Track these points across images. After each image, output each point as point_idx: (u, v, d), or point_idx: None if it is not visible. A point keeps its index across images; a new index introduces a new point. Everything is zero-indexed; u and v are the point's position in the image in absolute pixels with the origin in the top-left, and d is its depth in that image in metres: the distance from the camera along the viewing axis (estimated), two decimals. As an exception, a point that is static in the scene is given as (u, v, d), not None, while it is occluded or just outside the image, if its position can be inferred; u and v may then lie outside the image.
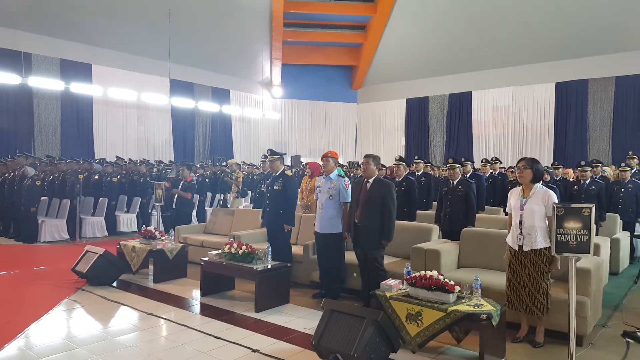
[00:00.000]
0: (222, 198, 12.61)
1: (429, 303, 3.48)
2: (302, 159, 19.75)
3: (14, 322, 4.30)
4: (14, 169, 9.29)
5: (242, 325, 4.30)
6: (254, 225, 7.09)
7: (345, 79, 23.07)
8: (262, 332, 4.11)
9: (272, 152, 5.91)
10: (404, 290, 3.73)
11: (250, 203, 12.63)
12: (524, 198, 3.85)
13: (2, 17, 14.36)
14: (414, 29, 18.33)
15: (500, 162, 10.23)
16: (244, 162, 17.40)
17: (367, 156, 4.77)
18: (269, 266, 4.89)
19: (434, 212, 6.22)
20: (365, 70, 21.73)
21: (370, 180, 4.73)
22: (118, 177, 10.17)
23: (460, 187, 5.78)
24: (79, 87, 16.02)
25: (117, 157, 12.96)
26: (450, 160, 6.04)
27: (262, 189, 7.83)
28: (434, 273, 3.61)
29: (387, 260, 4.96)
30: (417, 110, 20.64)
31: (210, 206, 11.81)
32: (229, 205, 10.16)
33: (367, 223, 4.63)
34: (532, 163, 3.88)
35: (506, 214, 4.39)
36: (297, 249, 5.81)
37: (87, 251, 5.87)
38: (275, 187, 5.72)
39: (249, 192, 11.68)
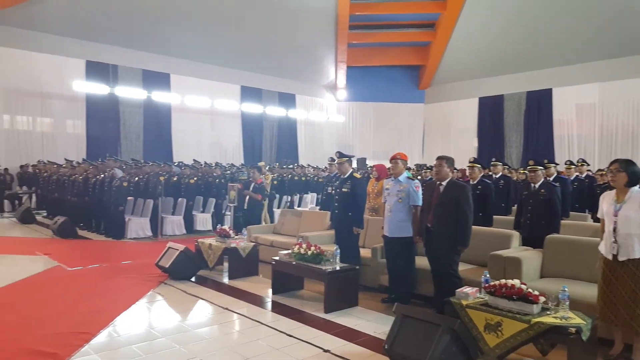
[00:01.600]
0: (289, 200, 12.89)
1: (510, 313, 3.29)
2: (367, 162, 19.65)
3: (106, 311, 4.65)
4: (103, 171, 10.08)
5: (312, 325, 4.34)
6: (321, 227, 7.14)
7: (412, 79, 22.63)
8: (332, 333, 4.12)
9: (341, 155, 5.92)
10: (481, 299, 3.57)
11: (316, 205, 12.79)
12: (618, 203, 3.53)
13: (93, 33, 15.70)
14: (486, 24, 17.55)
15: (587, 164, 9.48)
16: (309, 164, 17.65)
17: (440, 158, 4.62)
18: (338, 268, 4.90)
19: (513, 217, 5.90)
20: (433, 69, 21.18)
21: (444, 183, 4.57)
22: (195, 179, 10.72)
23: (542, 190, 5.43)
24: (159, 96, 17.15)
25: (193, 160, 13.67)
26: (531, 162, 5.69)
27: (329, 191, 7.87)
28: (516, 282, 3.42)
29: (462, 267, 4.77)
30: (490, 110, 19.72)
31: (278, 207, 12.08)
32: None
33: (440, 227, 4.48)
34: (626, 165, 3.55)
35: (595, 220, 4.08)
36: (364, 252, 5.77)
37: (169, 248, 6.24)
38: (343, 190, 5.72)
39: (277, 195, 11.78)
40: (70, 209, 10.72)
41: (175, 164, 13.47)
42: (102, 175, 9.87)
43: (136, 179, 10.15)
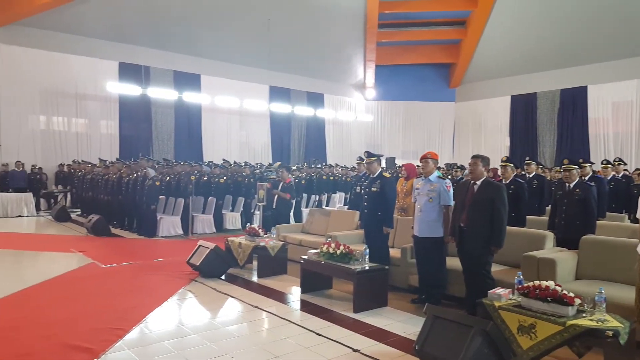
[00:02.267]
0: (317, 199, 12.91)
1: (544, 315, 3.21)
2: (396, 161, 19.48)
3: (139, 308, 4.77)
4: (136, 171, 10.34)
5: (342, 324, 4.33)
6: (349, 226, 7.13)
7: (442, 78, 22.31)
8: (362, 333, 4.11)
9: (370, 154, 5.89)
10: (514, 301, 3.49)
11: (344, 205, 12.77)
12: (659, 204, 3.39)
13: (125, 35, 16.14)
14: (519, 20, 17.15)
15: (625, 164, 9.13)
16: (337, 164, 17.65)
17: (475, 157, 4.53)
18: (367, 267, 4.88)
19: (547, 218, 5.74)
20: (464, 67, 20.84)
21: (478, 182, 4.47)
22: (224, 178, 10.87)
23: (577, 190, 5.26)
24: (189, 96, 17.48)
25: (223, 159, 13.87)
26: (565, 161, 5.52)
27: (357, 191, 7.84)
28: (551, 283, 3.32)
29: (494, 268, 4.67)
30: (523, 108, 19.25)
31: (306, 207, 12.12)
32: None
33: (474, 227, 4.39)
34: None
35: (633, 220, 3.92)
36: (394, 252, 5.73)
37: (199, 246, 6.35)
38: (372, 189, 5.69)
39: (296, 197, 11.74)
40: (104, 207, 11.06)
41: (206, 163, 13.70)
42: (135, 175, 10.13)
43: (168, 178, 10.38)
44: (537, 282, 3.39)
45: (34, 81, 14.99)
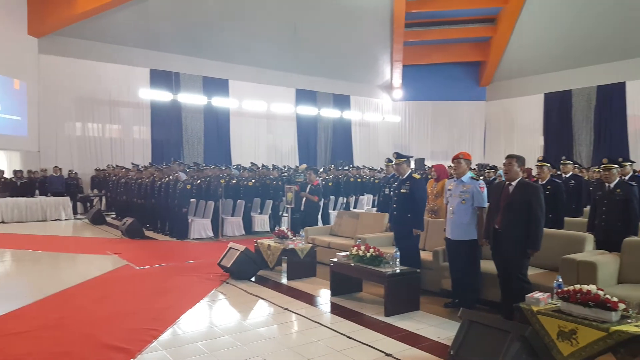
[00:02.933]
0: (345, 201, 12.86)
1: (585, 321, 3.08)
2: (425, 162, 19.25)
3: (173, 309, 4.85)
4: (168, 175, 10.55)
5: (373, 328, 4.28)
6: (378, 229, 7.06)
7: (472, 76, 21.91)
8: (394, 337, 4.05)
9: (399, 155, 5.81)
10: (553, 305, 3.36)
11: (373, 207, 12.68)
12: None
13: (157, 43, 16.55)
14: (551, 16, 16.68)
15: (668, 161, 8.75)
16: (364, 165, 17.57)
17: (509, 156, 4.40)
18: (398, 270, 4.81)
19: (586, 219, 5.53)
20: (495, 65, 20.41)
21: (513, 183, 4.34)
22: (253, 181, 10.97)
23: (618, 190, 5.05)
24: (218, 101, 17.77)
25: (251, 162, 14.00)
26: (604, 161, 5.31)
27: (386, 192, 7.76)
28: (592, 288, 3.19)
29: (530, 272, 4.53)
30: (557, 106, 18.70)
31: (334, 209, 12.10)
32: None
33: (509, 229, 4.26)
34: None
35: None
36: (425, 255, 5.63)
37: (230, 248, 6.42)
38: (402, 191, 5.61)
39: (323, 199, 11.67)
40: (137, 210, 11.31)
41: (234, 166, 13.86)
42: (167, 179, 10.33)
43: (198, 181, 10.55)
44: (577, 286, 3.26)
45: (70, 89, 15.54)
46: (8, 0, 14.09)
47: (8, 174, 14.04)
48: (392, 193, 6.04)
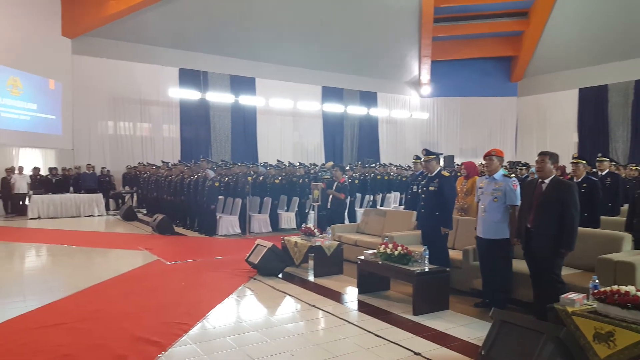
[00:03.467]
0: (371, 199, 12.79)
1: (623, 323, 2.96)
2: (455, 159, 18.93)
3: (202, 303, 4.92)
4: (197, 172, 10.73)
5: (401, 327, 4.24)
6: (405, 227, 6.98)
7: (503, 71, 21.41)
8: (423, 336, 4.00)
9: (428, 152, 5.73)
10: (589, 306, 3.25)
11: (400, 205, 12.56)
12: None
13: (185, 42, 16.83)
14: (586, 8, 16.12)
15: None
16: (390, 163, 17.44)
17: (542, 153, 4.27)
18: (427, 269, 4.75)
19: (623, 218, 5.32)
20: (527, 60, 19.89)
21: (547, 181, 4.21)
22: (279, 178, 11.03)
23: (658, 188, 4.85)
24: (245, 99, 17.94)
25: (277, 160, 14.09)
26: (644, 157, 5.10)
27: (414, 190, 7.67)
28: (631, 289, 3.06)
29: (564, 272, 4.39)
30: (593, 102, 18.07)
31: (360, 207, 12.05)
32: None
33: (542, 229, 4.14)
34: None
35: None
36: (454, 254, 5.54)
37: (257, 244, 6.47)
38: (430, 188, 5.53)
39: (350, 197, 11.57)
40: (167, 207, 11.56)
41: (261, 164, 13.96)
42: (196, 176, 10.50)
43: (226, 179, 10.68)
44: (615, 287, 3.15)
45: (102, 89, 15.98)
46: (43, 4, 14.58)
47: (44, 172, 14.54)
48: (420, 191, 5.96)
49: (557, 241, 4.07)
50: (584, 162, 6.13)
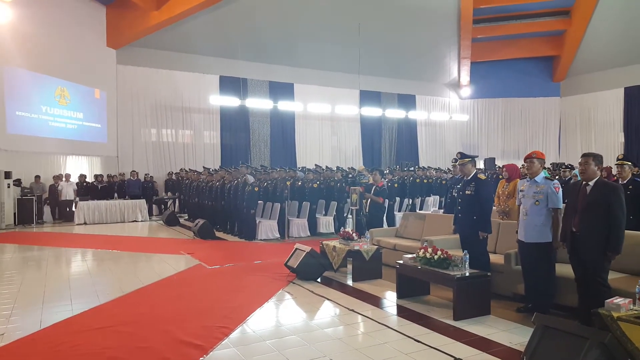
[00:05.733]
0: (410, 203, 12.67)
1: (675, 330, 2.84)
2: (496, 162, 18.47)
3: (243, 307, 5.03)
4: (237, 177, 10.96)
5: (441, 332, 4.20)
6: (445, 231, 6.87)
7: (544, 71, 20.75)
8: (463, 342, 3.94)
9: (463, 155, 5.65)
10: (636, 311, 3.13)
11: (439, 208, 12.36)
12: None
13: (226, 50, 17.29)
14: (630, 6, 15.46)
15: None
16: (430, 166, 17.20)
17: (586, 155, 4.15)
18: (467, 274, 4.68)
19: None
20: (569, 59, 19.20)
21: (591, 183, 4.09)
22: (317, 183, 11.12)
23: None
24: (284, 105, 18.20)
25: (315, 165, 14.20)
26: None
27: (454, 194, 7.55)
28: (683, 295, 2.93)
29: (611, 276, 4.22)
30: (639, 101, 17.19)
31: (399, 210, 11.95)
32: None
33: (588, 232, 4.01)
34: None
35: None
36: (495, 258, 5.42)
37: (296, 249, 6.56)
38: (467, 192, 5.44)
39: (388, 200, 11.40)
40: (208, 212, 11.84)
41: (299, 169, 14.11)
42: (236, 181, 10.73)
43: (265, 184, 10.86)
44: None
45: (146, 97, 16.65)
46: (89, 16, 15.34)
47: (89, 178, 15.18)
48: (457, 194, 5.88)
49: (603, 245, 3.94)
50: (630, 163, 5.87)
